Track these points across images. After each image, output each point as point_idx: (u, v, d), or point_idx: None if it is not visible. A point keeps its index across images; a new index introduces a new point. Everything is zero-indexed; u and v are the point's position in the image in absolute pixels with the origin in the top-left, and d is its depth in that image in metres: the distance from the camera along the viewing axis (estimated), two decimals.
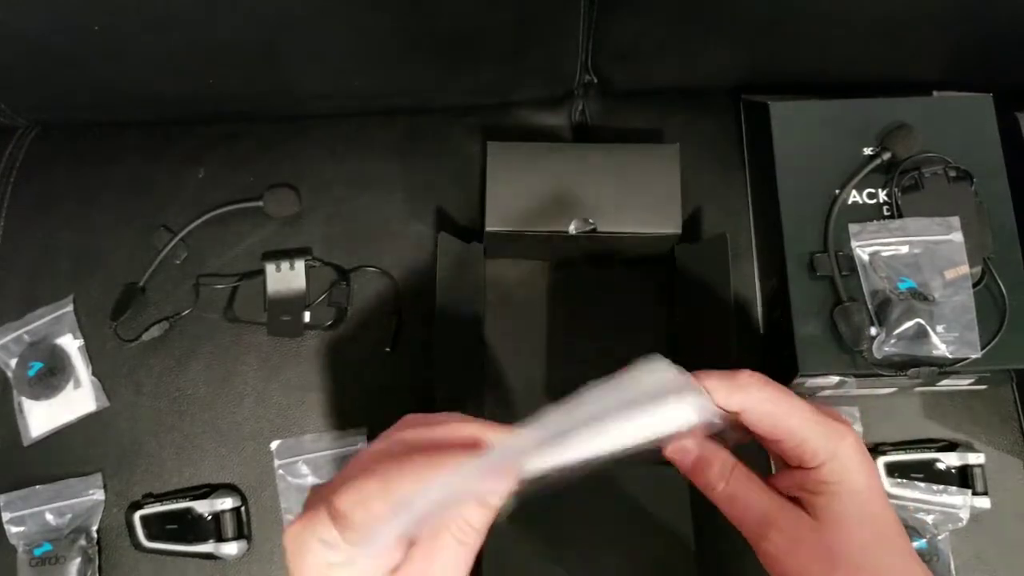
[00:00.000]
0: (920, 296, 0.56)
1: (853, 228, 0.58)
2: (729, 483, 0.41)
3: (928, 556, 0.58)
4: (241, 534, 0.62)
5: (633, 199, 0.62)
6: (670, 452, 0.41)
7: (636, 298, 0.66)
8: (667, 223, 0.62)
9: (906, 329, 0.55)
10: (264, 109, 0.73)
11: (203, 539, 0.61)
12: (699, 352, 0.61)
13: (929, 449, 0.61)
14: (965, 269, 0.57)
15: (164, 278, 0.68)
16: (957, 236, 0.57)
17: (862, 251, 0.58)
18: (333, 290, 0.67)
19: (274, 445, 0.63)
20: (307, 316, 0.66)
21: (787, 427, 0.39)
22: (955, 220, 0.58)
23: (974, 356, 0.55)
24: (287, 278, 0.67)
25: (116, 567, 0.62)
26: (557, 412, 0.35)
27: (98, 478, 0.64)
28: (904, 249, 0.58)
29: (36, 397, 0.65)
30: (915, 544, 0.58)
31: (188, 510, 0.61)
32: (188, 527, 0.61)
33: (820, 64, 0.68)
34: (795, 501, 0.40)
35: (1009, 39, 0.63)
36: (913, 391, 0.63)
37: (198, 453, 0.64)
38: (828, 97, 0.63)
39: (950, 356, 0.55)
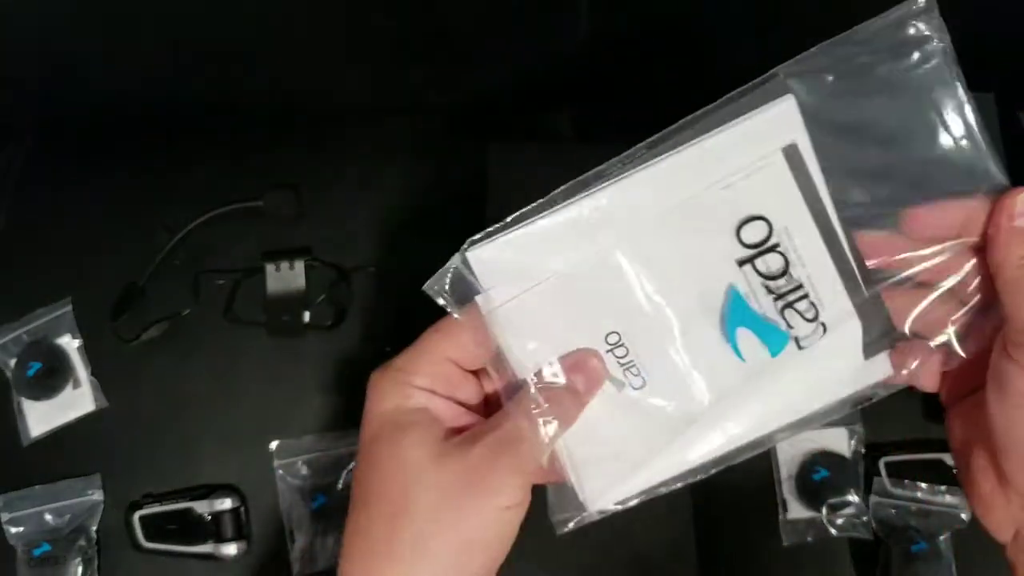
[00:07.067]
0: None
1: None
2: None
3: (929, 556, 0.58)
4: (240, 534, 0.62)
5: None
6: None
7: None
8: None
9: None
10: (264, 109, 0.73)
11: (202, 539, 0.61)
12: None
13: (930, 449, 0.61)
14: None
15: (164, 278, 0.68)
16: None
17: None
18: (333, 290, 0.67)
19: (274, 445, 0.63)
20: (307, 316, 0.66)
21: None
22: None
23: None
24: (287, 278, 0.67)
25: (115, 567, 0.62)
26: None
27: (97, 478, 0.64)
28: None
29: (35, 397, 0.65)
30: (916, 545, 0.58)
31: (188, 510, 0.61)
32: (187, 527, 0.61)
33: None
34: None
35: (1009, 39, 0.63)
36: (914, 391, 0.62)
37: (198, 453, 0.64)
38: None
39: None
